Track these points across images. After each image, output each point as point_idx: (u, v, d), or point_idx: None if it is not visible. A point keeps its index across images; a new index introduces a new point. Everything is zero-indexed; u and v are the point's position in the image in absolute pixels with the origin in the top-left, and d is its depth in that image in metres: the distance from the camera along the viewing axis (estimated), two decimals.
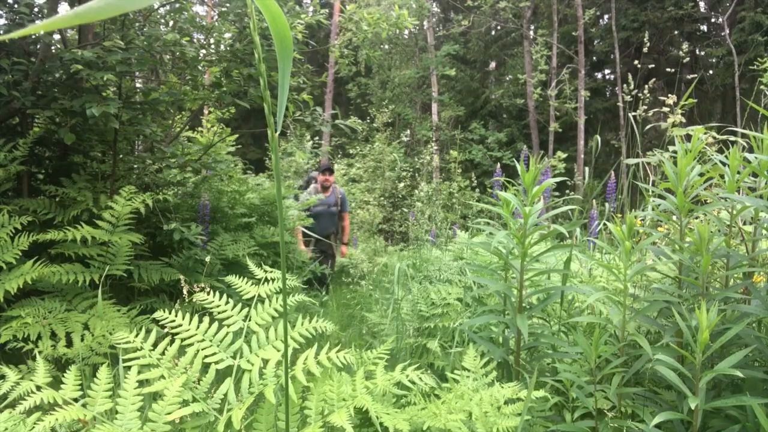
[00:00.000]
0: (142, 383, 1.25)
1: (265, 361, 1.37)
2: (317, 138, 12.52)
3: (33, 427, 1.09)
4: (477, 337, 1.91)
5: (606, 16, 18.55)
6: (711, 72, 16.97)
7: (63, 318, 2.56)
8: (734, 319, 1.53)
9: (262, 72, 0.68)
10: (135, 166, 3.74)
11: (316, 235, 5.03)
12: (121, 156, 3.63)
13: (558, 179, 2.02)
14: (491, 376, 1.62)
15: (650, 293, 1.81)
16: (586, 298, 2.07)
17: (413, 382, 1.36)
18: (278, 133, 0.72)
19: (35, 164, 3.55)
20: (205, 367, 1.34)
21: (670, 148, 2.02)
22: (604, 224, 3.08)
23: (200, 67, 3.75)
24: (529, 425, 1.57)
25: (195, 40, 3.81)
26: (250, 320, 1.47)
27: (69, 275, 2.67)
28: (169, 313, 1.44)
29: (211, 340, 1.39)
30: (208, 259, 2.31)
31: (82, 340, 2.40)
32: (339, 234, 5.90)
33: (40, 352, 2.25)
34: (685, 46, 5.31)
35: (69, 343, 2.41)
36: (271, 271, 1.63)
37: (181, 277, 1.84)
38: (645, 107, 2.98)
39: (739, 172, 1.60)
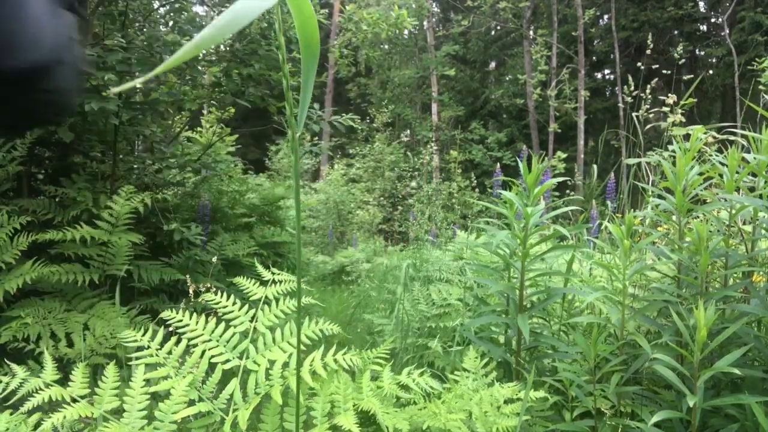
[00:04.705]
0: (148, 382, 1.26)
1: (272, 362, 1.37)
2: (317, 138, 12.51)
3: (38, 424, 1.09)
4: (477, 338, 1.92)
5: (606, 16, 18.56)
6: (711, 72, 16.98)
7: (63, 318, 2.56)
8: (733, 319, 1.54)
9: (286, 73, 0.69)
10: (135, 166, 3.74)
11: None
12: (121, 156, 3.63)
13: (559, 179, 2.03)
14: (491, 376, 1.63)
15: (649, 293, 1.82)
16: (586, 298, 2.08)
17: (418, 384, 1.37)
18: (299, 133, 0.73)
19: (35, 164, 3.55)
20: (212, 367, 1.34)
21: (670, 147, 2.03)
22: (601, 224, 3.09)
23: (200, 67, 3.75)
24: (528, 425, 1.58)
25: None
26: (256, 321, 1.47)
27: (68, 275, 2.67)
28: (175, 313, 1.44)
29: (217, 341, 1.40)
30: (214, 259, 2.32)
31: (84, 340, 2.41)
32: None
33: (41, 353, 2.25)
34: (680, 47, 5.28)
35: (69, 344, 2.41)
36: (279, 273, 1.63)
37: (187, 277, 1.85)
38: (646, 107, 2.98)
39: (737, 172, 1.61)
